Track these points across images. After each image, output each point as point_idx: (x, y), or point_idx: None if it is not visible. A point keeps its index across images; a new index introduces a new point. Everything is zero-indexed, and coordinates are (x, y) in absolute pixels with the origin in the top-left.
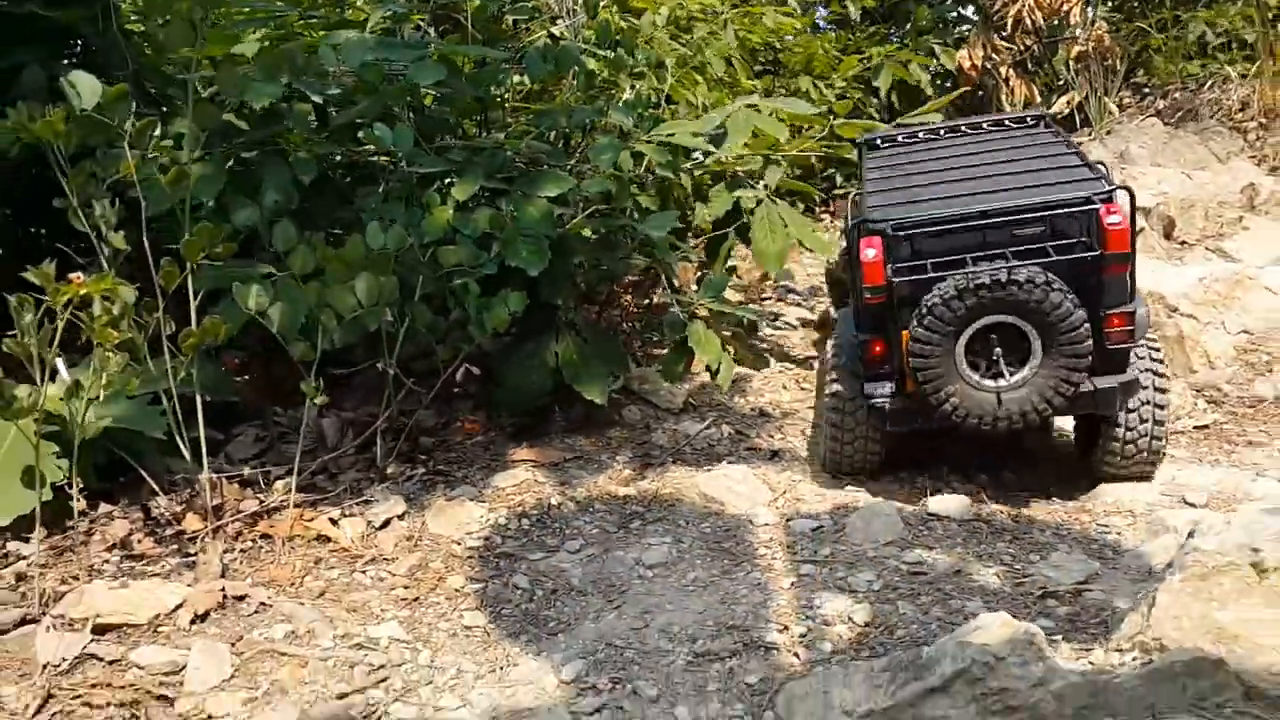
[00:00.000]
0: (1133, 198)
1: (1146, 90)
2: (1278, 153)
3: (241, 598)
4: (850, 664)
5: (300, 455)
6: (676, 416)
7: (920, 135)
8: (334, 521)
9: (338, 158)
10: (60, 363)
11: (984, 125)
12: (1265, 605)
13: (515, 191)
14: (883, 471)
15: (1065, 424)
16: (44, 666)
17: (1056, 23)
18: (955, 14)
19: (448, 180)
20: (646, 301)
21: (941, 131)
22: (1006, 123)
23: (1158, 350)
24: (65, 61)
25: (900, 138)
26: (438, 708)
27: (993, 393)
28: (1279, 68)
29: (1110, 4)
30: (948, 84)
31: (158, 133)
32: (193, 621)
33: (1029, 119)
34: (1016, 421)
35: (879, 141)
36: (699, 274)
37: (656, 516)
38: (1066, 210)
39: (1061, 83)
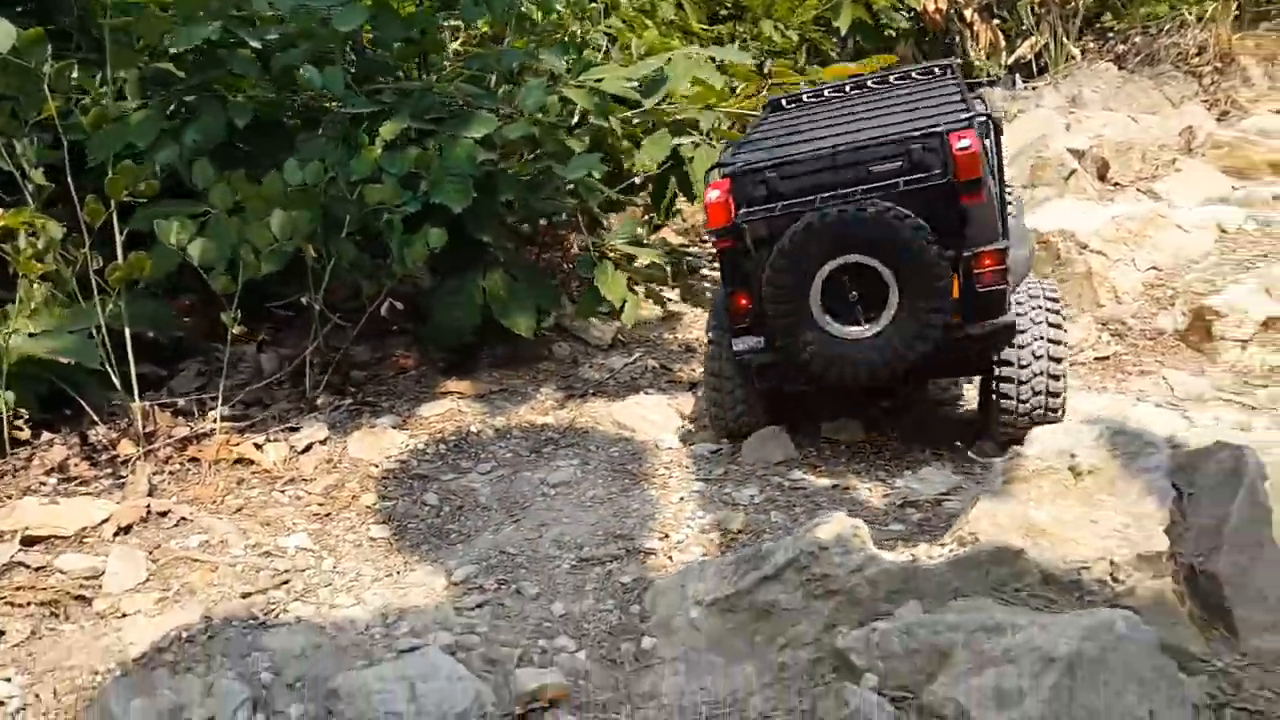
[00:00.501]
0: (998, 129)
1: (1110, 35)
2: (1229, 97)
3: (165, 513)
4: (707, 561)
5: (235, 388)
6: (605, 352)
7: (825, 94)
8: (258, 446)
9: (288, 102)
10: None
11: (890, 79)
12: (1078, 504)
13: (444, 132)
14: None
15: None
16: None
17: None
18: None
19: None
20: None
21: (847, 88)
22: (914, 75)
23: (1055, 295)
24: (19, 9)
25: (805, 98)
26: (333, 605)
27: (851, 341)
28: (1236, 11)
29: None
30: (919, 27)
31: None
32: (116, 534)
33: (936, 69)
34: (880, 372)
35: (784, 102)
36: (646, 217)
37: (570, 442)
38: (915, 141)
39: (1025, 27)
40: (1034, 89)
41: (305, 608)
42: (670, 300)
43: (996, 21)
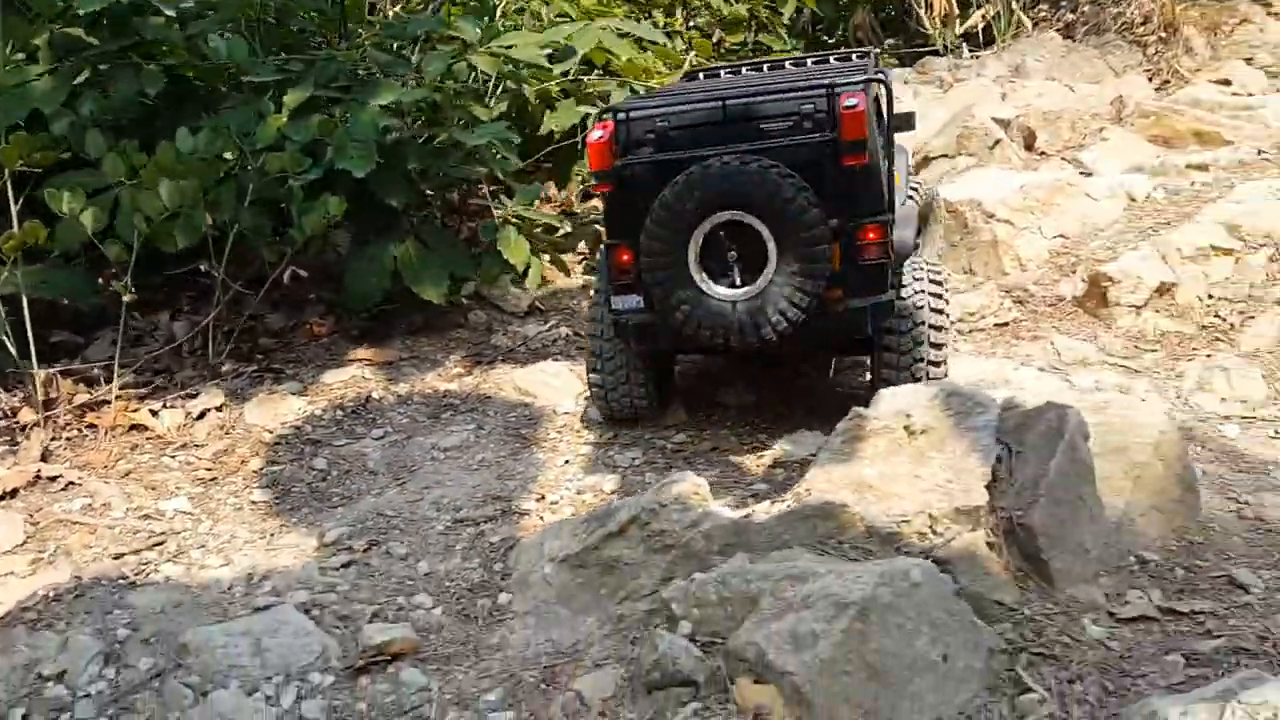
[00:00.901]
0: (889, 93)
1: (1062, 4)
2: (1171, 67)
3: (54, 478)
4: (566, 520)
5: (148, 356)
6: (522, 320)
7: (742, 70)
8: (154, 413)
9: (204, 70)
10: None
11: (808, 61)
12: (910, 462)
13: (350, 99)
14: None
15: None
16: None
17: None
18: None
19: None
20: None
21: (765, 67)
22: (831, 59)
23: (938, 274)
24: None
25: (723, 72)
26: (203, 566)
27: (726, 302)
28: None
29: None
30: None
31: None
32: (1, 498)
33: (856, 54)
34: (752, 337)
35: (700, 75)
36: (582, 186)
37: (469, 408)
38: (804, 97)
39: None
40: (977, 58)
41: (175, 568)
42: (590, 268)
43: None
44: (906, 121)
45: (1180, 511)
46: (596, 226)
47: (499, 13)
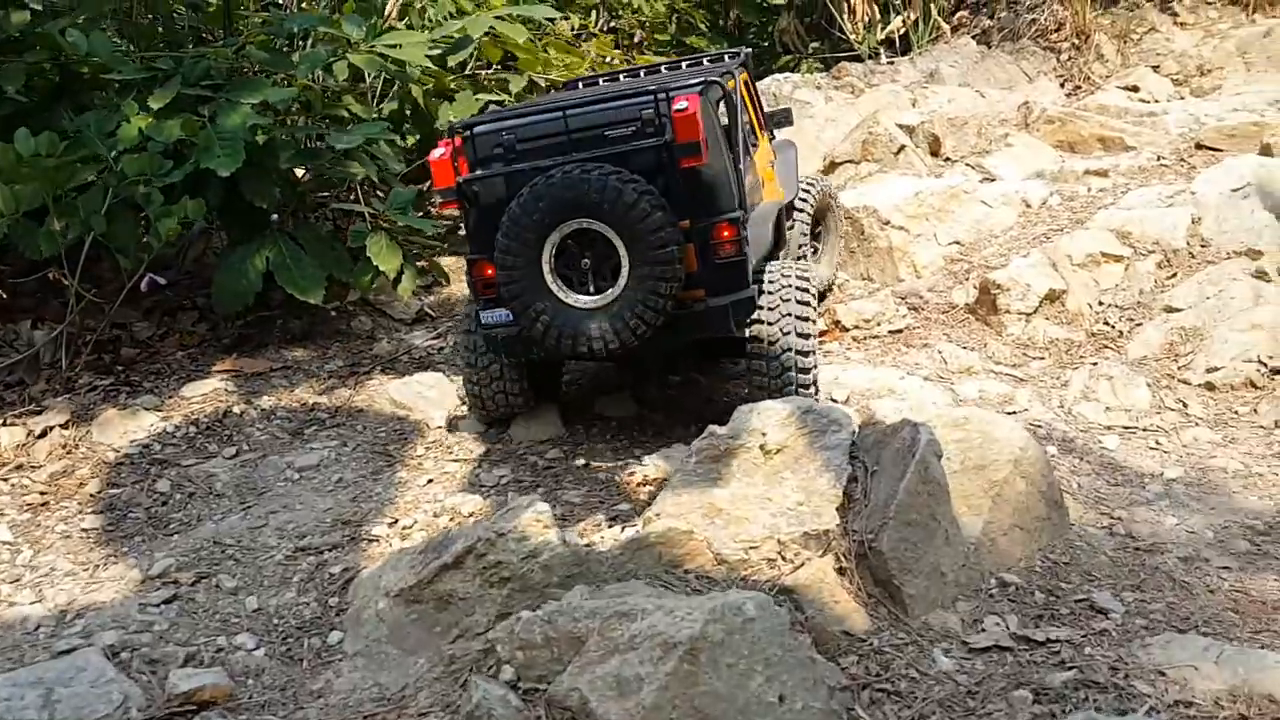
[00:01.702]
0: (729, 100)
1: (980, 10)
2: (1083, 73)
3: None
4: (405, 550)
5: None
6: (410, 327)
7: (619, 77)
8: None
9: (71, 67)
10: None
11: (683, 65)
12: (765, 483)
13: (221, 98)
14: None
15: None
16: None
17: None
18: None
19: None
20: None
21: (642, 73)
22: (705, 61)
23: (805, 274)
24: None
25: (602, 80)
26: (12, 603)
27: (583, 310)
28: None
29: None
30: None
31: None
32: None
33: (727, 55)
34: (613, 343)
35: (580, 84)
36: None
37: (336, 423)
38: (638, 103)
39: (899, 1)
40: (892, 64)
41: None
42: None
43: None
44: (785, 118)
45: (1045, 530)
46: None
47: (391, 12)
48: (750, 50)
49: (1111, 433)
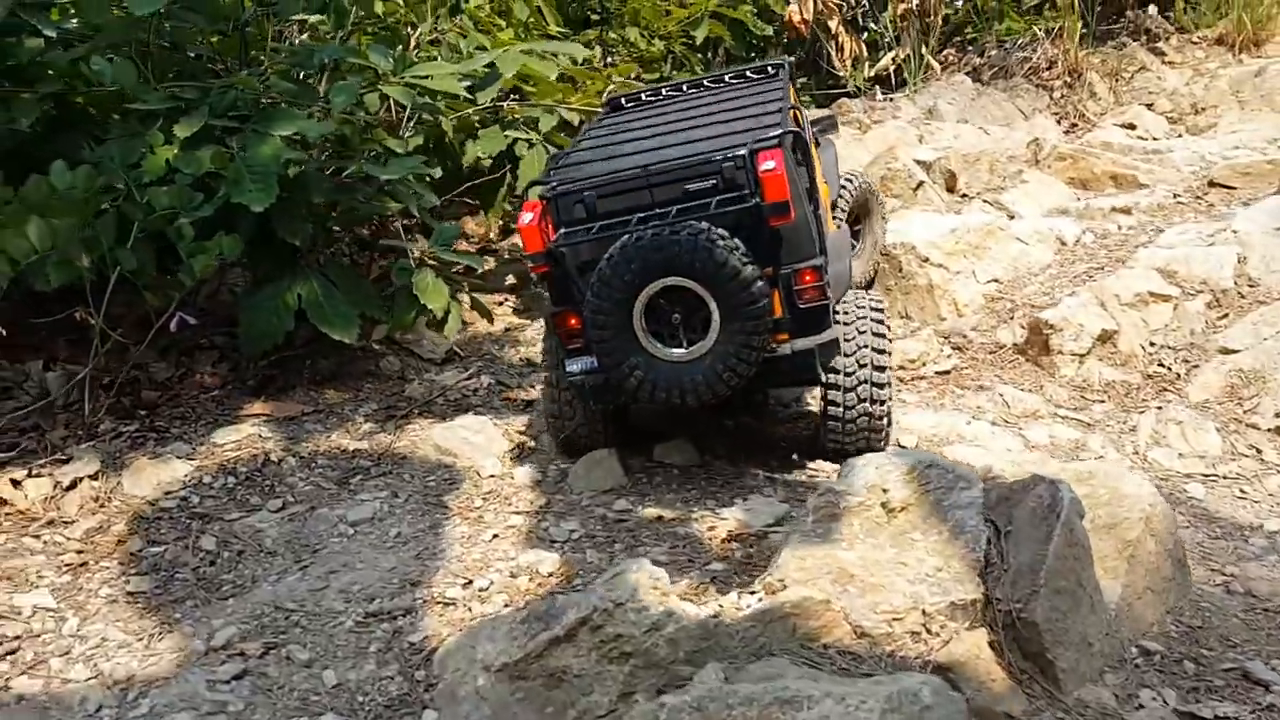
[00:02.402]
0: (801, 142)
1: (969, 48)
2: (1077, 110)
3: None
4: (501, 617)
5: (6, 412)
6: (440, 367)
7: (662, 94)
8: (16, 483)
9: (92, 97)
10: None
11: (726, 79)
12: (891, 544)
13: (248, 129)
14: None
15: None
16: None
17: None
18: None
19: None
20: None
21: (685, 88)
22: (748, 74)
23: (879, 306)
24: None
25: (645, 96)
26: (66, 680)
27: (677, 364)
28: (1084, 29)
29: None
30: (784, 37)
31: None
32: None
33: (769, 69)
34: (706, 394)
35: (624, 101)
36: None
37: (382, 471)
38: (722, 161)
39: (888, 40)
40: (891, 100)
41: (33, 682)
42: (515, 309)
43: (864, 36)
44: (830, 124)
45: (1172, 591)
46: (520, 265)
47: (413, 44)
48: (791, 60)
49: (1193, 480)
